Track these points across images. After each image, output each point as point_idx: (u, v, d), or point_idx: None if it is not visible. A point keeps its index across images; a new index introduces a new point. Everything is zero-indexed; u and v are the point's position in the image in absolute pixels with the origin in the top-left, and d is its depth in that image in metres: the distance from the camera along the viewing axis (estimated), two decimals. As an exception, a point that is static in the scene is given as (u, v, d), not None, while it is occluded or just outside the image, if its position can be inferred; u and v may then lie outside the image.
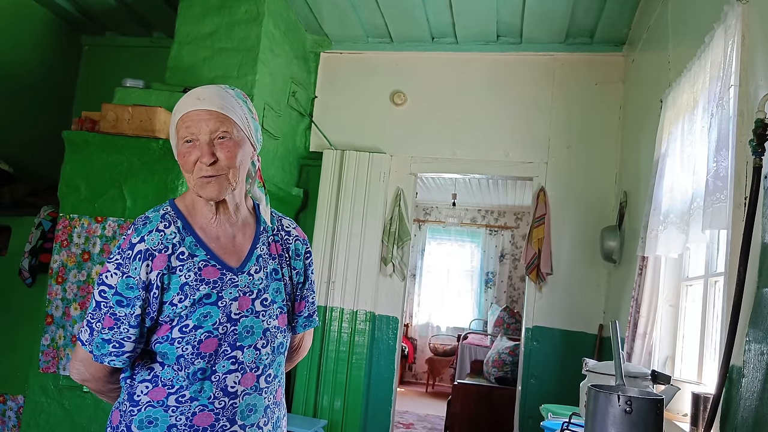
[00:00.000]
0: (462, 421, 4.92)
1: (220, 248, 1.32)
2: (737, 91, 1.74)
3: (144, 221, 1.28)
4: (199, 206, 1.33)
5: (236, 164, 1.28)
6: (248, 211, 1.41)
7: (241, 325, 1.28)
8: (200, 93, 1.28)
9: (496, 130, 4.28)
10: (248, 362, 1.28)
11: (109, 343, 1.23)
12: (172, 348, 1.23)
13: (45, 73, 4.58)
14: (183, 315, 1.23)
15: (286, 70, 4.11)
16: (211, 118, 1.26)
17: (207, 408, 1.24)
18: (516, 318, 7.20)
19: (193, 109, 1.27)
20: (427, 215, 8.96)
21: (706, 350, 2.14)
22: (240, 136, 1.30)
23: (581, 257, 4.02)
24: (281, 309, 1.37)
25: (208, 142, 1.26)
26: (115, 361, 1.24)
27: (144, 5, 4.36)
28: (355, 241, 4.19)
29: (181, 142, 1.28)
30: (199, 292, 1.24)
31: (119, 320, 1.22)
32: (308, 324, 1.48)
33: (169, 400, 1.24)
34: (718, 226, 1.71)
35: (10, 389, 3.47)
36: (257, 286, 1.33)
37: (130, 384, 1.29)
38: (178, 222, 1.30)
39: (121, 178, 3.16)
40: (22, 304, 3.53)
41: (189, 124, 1.26)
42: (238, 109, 1.31)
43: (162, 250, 1.24)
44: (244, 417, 1.27)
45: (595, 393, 1.51)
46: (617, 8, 3.67)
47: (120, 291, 1.22)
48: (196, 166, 1.26)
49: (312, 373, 4.10)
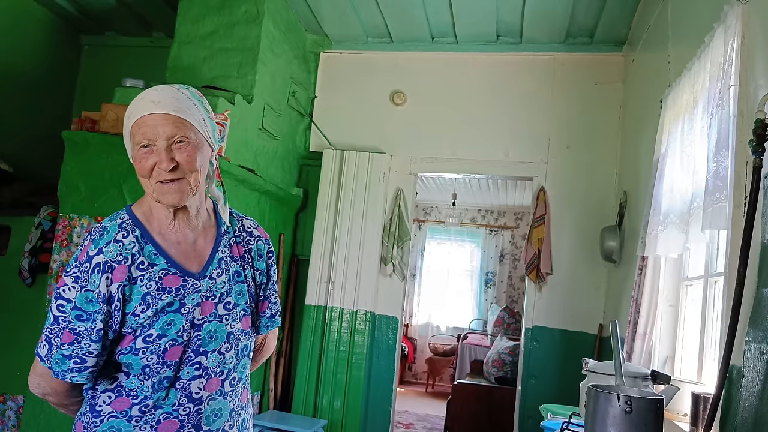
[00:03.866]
0: (462, 421, 4.92)
1: (181, 254, 1.28)
2: (737, 91, 1.74)
3: (101, 232, 1.24)
4: (157, 211, 1.29)
5: (197, 167, 1.24)
6: (208, 213, 1.37)
7: (205, 330, 1.26)
8: (155, 96, 1.23)
9: (496, 130, 4.28)
10: (212, 367, 1.26)
11: (69, 359, 1.19)
12: (136, 359, 1.21)
13: (45, 73, 4.58)
14: (146, 325, 1.20)
15: (286, 69, 4.11)
16: (168, 123, 1.21)
17: (171, 415, 1.22)
18: (516, 318, 7.20)
19: (148, 113, 1.21)
20: (427, 215, 8.96)
21: (706, 350, 2.14)
22: (198, 138, 1.25)
23: (581, 257, 4.02)
24: (244, 311, 1.35)
25: (166, 148, 1.21)
26: (78, 378, 1.20)
27: (144, 5, 4.35)
28: (355, 241, 4.19)
29: (136, 148, 1.23)
30: (162, 301, 1.22)
31: (79, 335, 1.18)
32: (271, 324, 1.46)
33: (132, 410, 1.21)
34: (718, 226, 1.71)
35: (10, 389, 3.47)
36: (219, 290, 1.30)
37: (92, 395, 1.26)
38: (137, 230, 1.25)
39: (121, 178, 3.16)
40: (21, 303, 3.52)
41: (145, 130, 1.21)
42: (195, 111, 1.26)
43: (121, 261, 1.21)
44: (210, 422, 1.26)
45: (595, 393, 1.51)
46: (617, 8, 3.67)
47: (79, 305, 1.18)
48: (154, 171, 1.22)
49: (312, 373, 4.10)
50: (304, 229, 4.41)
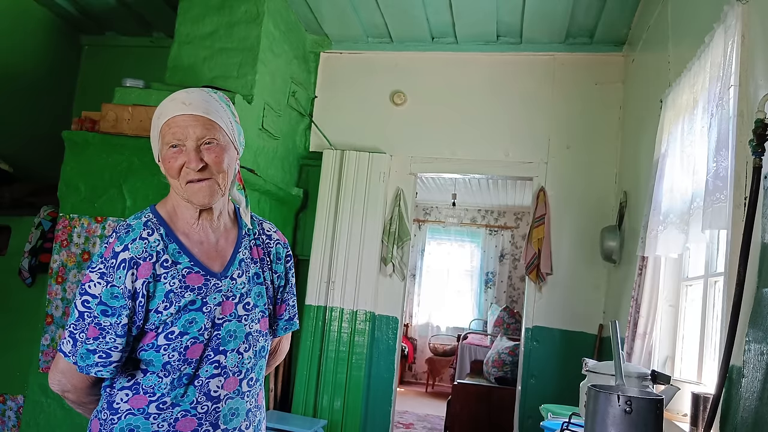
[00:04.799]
0: (462, 421, 4.92)
1: (203, 253, 1.31)
2: (737, 91, 1.74)
3: (126, 229, 1.26)
4: (181, 211, 1.31)
5: (224, 168, 1.28)
6: (229, 216, 1.40)
7: (224, 330, 1.28)
8: (186, 97, 1.27)
9: (496, 130, 4.28)
10: (231, 366, 1.28)
11: (94, 354, 1.20)
12: (158, 355, 1.22)
13: (45, 73, 4.58)
14: (168, 322, 1.22)
15: (286, 70, 4.11)
16: (198, 124, 1.25)
17: (190, 413, 1.23)
18: (516, 318, 7.20)
19: (179, 113, 1.25)
20: (427, 215, 8.96)
21: (706, 350, 2.14)
22: (225, 140, 1.29)
23: (581, 257, 4.02)
24: (263, 313, 1.37)
25: (195, 148, 1.24)
26: (102, 372, 1.21)
27: (144, 5, 4.35)
28: (355, 241, 4.19)
29: (166, 147, 1.26)
30: (184, 299, 1.24)
31: (104, 330, 1.20)
32: (288, 327, 1.48)
33: (150, 408, 1.22)
34: (718, 226, 1.71)
35: (10, 389, 3.47)
36: (240, 290, 1.32)
37: (109, 392, 1.27)
38: (161, 229, 1.28)
39: (121, 178, 3.17)
40: (21, 304, 3.52)
41: (175, 130, 1.25)
42: (223, 113, 1.30)
43: (147, 258, 1.23)
44: (227, 421, 1.27)
45: (595, 393, 1.51)
46: (617, 8, 3.67)
47: (105, 300, 1.20)
48: (183, 171, 1.25)
49: (312, 373, 4.10)
50: (304, 229, 4.41)
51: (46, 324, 3.13)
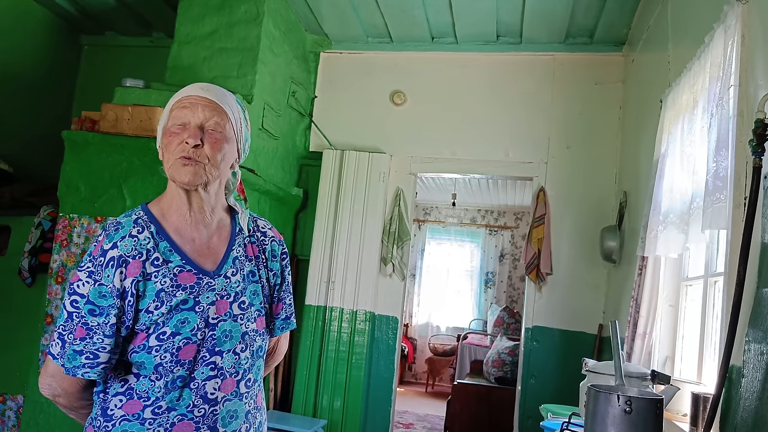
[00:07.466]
0: (462, 421, 4.92)
1: (195, 251, 1.28)
2: (737, 91, 1.74)
3: (116, 226, 1.24)
4: (176, 204, 1.29)
5: (217, 158, 1.26)
6: (224, 212, 1.37)
7: (219, 330, 1.24)
8: (205, 85, 1.31)
9: (496, 130, 4.28)
10: (228, 367, 1.25)
11: (81, 355, 1.17)
12: (149, 357, 1.19)
13: (45, 73, 4.58)
14: (160, 322, 1.19)
15: (286, 69, 4.11)
16: (208, 107, 1.27)
17: (186, 417, 1.20)
18: (516, 318, 7.20)
19: (194, 93, 1.28)
20: (426, 215, 8.96)
21: (706, 350, 2.14)
22: (230, 134, 1.30)
23: (581, 257, 4.02)
24: (259, 312, 1.34)
25: (199, 126, 1.25)
26: (90, 373, 1.18)
27: (144, 5, 4.35)
28: (354, 241, 4.19)
29: (171, 122, 1.27)
30: (176, 299, 1.20)
31: (92, 330, 1.17)
32: (285, 326, 1.45)
33: (145, 413, 1.19)
34: (717, 226, 1.71)
35: (10, 389, 3.47)
36: (234, 289, 1.29)
37: (103, 398, 1.23)
38: (152, 227, 1.25)
39: (121, 178, 3.16)
40: (21, 303, 3.52)
41: (186, 105, 1.27)
42: (235, 110, 1.32)
43: (136, 257, 1.20)
44: (226, 424, 1.24)
45: (595, 393, 1.51)
46: (617, 8, 3.67)
47: (92, 300, 1.18)
48: (179, 146, 1.24)
49: (312, 373, 4.10)
50: (304, 229, 4.41)
51: (46, 324, 3.12)
